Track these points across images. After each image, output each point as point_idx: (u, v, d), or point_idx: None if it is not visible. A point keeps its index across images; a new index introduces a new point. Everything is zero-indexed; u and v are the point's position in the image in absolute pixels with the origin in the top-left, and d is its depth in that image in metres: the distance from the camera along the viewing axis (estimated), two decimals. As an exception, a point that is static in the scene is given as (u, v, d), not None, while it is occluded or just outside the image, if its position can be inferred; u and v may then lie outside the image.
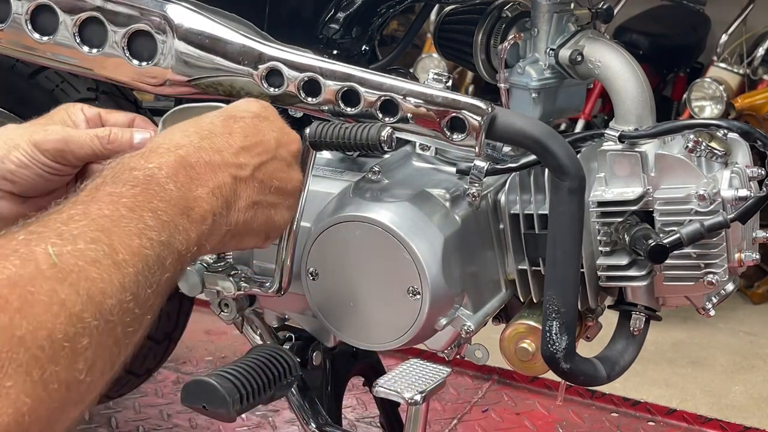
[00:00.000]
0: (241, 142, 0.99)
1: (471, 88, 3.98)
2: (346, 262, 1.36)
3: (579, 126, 3.59)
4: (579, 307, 1.37)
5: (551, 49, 1.49)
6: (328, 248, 1.37)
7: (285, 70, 1.34)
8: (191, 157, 0.93)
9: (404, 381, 1.34)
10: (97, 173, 0.91)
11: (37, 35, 1.40)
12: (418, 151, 1.48)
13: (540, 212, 1.39)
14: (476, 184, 1.35)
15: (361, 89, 1.33)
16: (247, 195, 0.98)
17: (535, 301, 1.44)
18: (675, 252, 1.33)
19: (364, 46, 1.64)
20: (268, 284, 1.42)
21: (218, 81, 1.37)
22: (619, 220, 1.37)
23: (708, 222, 1.32)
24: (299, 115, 1.39)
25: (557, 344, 1.33)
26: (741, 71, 3.70)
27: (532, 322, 1.41)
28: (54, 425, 0.71)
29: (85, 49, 1.38)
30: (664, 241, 1.32)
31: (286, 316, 1.56)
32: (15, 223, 1.06)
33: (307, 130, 1.31)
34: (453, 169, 1.43)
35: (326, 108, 1.35)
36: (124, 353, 0.78)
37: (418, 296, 1.32)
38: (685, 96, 3.70)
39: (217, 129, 0.99)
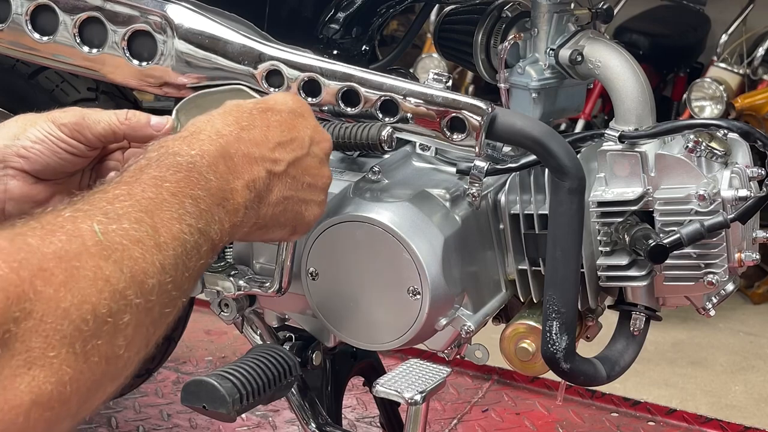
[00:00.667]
0: (278, 137, 1.01)
1: (471, 88, 3.98)
2: (346, 262, 1.36)
3: (579, 126, 3.59)
4: (579, 307, 1.37)
5: (551, 49, 1.49)
6: (328, 248, 1.37)
7: (285, 70, 1.34)
8: (231, 147, 0.94)
9: (404, 381, 1.34)
10: (115, 170, 0.92)
11: (37, 35, 1.40)
12: (418, 151, 1.48)
13: (540, 212, 1.39)
14: (476, 184, 1.35)
15: (361, 89, 1.33)
16: (279, 190, 1.00)
17: (535, 301, 1.44)
18: (675, 252, 1.33)
19: (364, 46, 1.64)
20: (268, 284, 1.42)
21: (218, 81, 1.37)
22: (619, 220, 1.37)
23: (708, 222, 1.32)
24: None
25: (557, 344, 1.33)
26: (741, 71, 3.70)
27: (532, 322, 1.41)
28: (92, 398, 0.74)
29: (85, 49, 1.39)
30: (664, 241, 1.32)
31: (286, 316, 1.56)
32: (25, 204, 1.08)
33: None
34: (453, 169, 1.43)
35: (326, 108, 1.35)
36: (158, 333, 0.80)
37: (418, 296, 1.32)
38: (685, 96, 3.70)
39: (256, 121, 1.00)
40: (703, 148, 1.34)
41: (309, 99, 1.35)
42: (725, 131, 1.36)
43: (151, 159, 0.88)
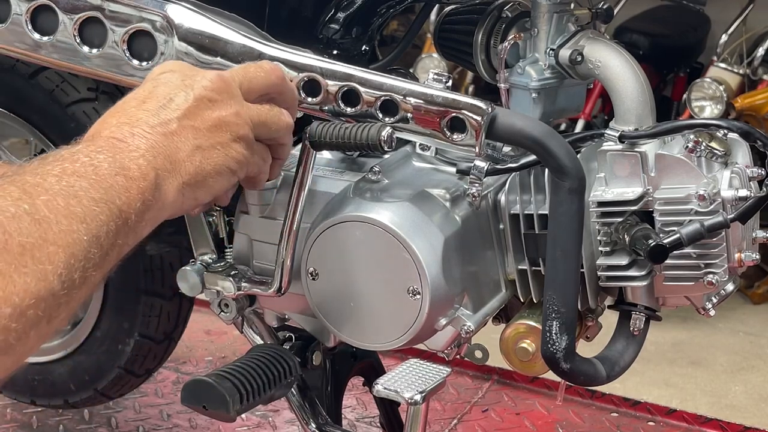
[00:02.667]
0: (156, 104, 1.02)
1: (471, 88, 3.98)
2: (346, 262, 1.36)
3: (579, 126, 3.59)
4: (579, 307, 1.37)
5: (551, 49, 1.49)
6: (328, 248, 1.37)
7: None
8: (116, 134, 0.97)
9: (404, 381, 1.34)
10: None
11: (37, 35, 1.40)
12: (418, 151, 1.48)
13: (540, 212, 1.39)
14: (476, 184, 1.35)
15: (361, 89, 1.33)
16: (185, 144, 1.01)
17: (535, 301, 1.44)
18: (675, 252, 1.33)
19: (364, 46, 1.64)
20: (268, 284, 1.42)
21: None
22: (619, 220, 1.37)
23: (708, 222, 1.32)
24: (299, 115, 1.39)
25: (557, 344, 1.33)
26: (741, 71, 3.70)
27: (532, 322, 1.41)
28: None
29: (85, 49, 1.39)
30: (664, 241, 1.32)
31: (286, 316, 1.56)
32: None
33: (307, 130, 1.32)
34: (453, 169, 1.43)
35: (326, 108, 1.35)
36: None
37: (418, 296, 1.32)
38: (685, 96, 3.70)
39: (130, 104, 1.03)
40: (703, 148, 1.34)
41: (309, 99, 1.35)
42: (725, 131, 1.36)
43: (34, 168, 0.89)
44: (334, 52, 1.59)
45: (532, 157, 1.36)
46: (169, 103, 1.02)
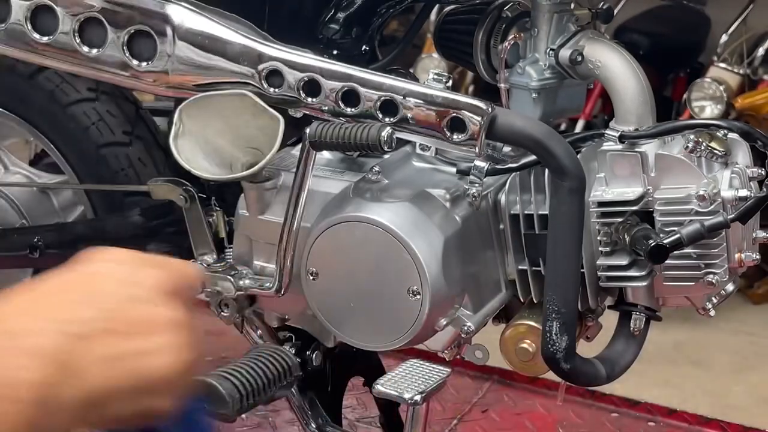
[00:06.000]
0: (72, 297, 0.76)
1: (471, 88, 3.98)
2: (346, 263, 1.36)
3: (579, 126, 3.58)
4: (579, 307, 1.37)
5: (551, 49, 1.49)
6: (328, 248, 1.37)
7: (285, 70, 1.34)
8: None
9: (404, 381, 1.34)
10: None
11: (37, 35, 1.40)
12: (418, 151, 1.48)
13: (540, 212, 1.39)
14: (476, 185, 1.35)
15: (361, 89, 1.33)
16: (97, 351, 0.74)
17: (535, 301, 1.44)
18: (675, 252, 1.33)
19: (364, 46, 1.64)
20: (268, 284, 1.42)
21: (218, 81, 1.37)
22: (620, 220, 1.37)
23: (708, 222, 1.32)
24: (299, 115, 1.39)
25: (557, 344, 1.32)
26: (741, 71, 3.70)
27: (532, 323, 1.41)
28: None
29: (85, 49, 1.39)
30: (665, 242, 1.32)
31: (286, 316, 1.56)
32: None
33: (307, 130, 1.32)
34: (453, 170, 1.43)
35: (326, 108, 1.35)
36: None
37: (418, 296, 1.32)
38: (685, 96, 3.70)
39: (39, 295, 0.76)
40: (703, 148, 1.34)
41: (309, 99, 1.35)
42: (725, 131, 1.36)
43: None
44: (334, 52, 1.59)
45: (532, 157, 1.36)
46: (89, 300, 0.76)
